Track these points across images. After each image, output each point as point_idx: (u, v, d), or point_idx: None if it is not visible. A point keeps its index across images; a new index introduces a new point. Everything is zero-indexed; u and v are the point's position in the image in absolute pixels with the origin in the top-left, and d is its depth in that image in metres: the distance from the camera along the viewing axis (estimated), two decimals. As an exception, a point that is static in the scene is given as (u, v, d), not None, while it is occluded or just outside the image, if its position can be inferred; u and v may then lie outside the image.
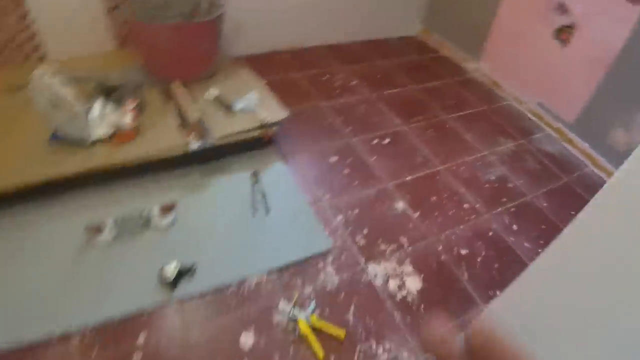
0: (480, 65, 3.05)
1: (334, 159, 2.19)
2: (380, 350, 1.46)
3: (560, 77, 2.49)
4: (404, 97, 2.75)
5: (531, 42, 2.61)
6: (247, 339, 1.45)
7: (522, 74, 2.74)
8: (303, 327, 1.47)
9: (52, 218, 1.71)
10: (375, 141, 2.34)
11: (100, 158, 1.78)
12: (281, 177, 2.01)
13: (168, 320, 1.47)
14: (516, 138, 2.55)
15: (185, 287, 1.55)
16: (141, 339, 1.40)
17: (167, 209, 1.74)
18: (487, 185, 2.17)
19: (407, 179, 2.13)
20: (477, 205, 2.05)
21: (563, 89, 2.49)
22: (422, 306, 1.60)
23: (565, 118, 2.53)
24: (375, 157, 2.23)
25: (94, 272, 1.56)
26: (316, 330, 1.48)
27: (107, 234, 1.65)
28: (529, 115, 2.75)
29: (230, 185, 1.95)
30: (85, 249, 1.63)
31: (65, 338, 1.39)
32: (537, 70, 2.64)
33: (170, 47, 2.04)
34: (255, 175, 1.94)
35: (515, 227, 1.97)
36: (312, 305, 1.55)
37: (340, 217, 1.88)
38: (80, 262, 1.58)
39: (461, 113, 2.68)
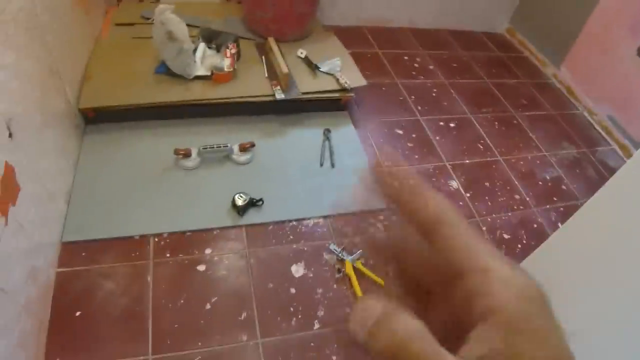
0: (559, 70, 3.06)
1: (400, 132, 2.36)
2: (413, 299, 1.66)
3: (636, 94, 2.50)
4: (477, 88, 2.84)
5: (614, 55, 2.61)
6: (297, 269, 1.69)
7: (599, 85, 2.75)
8: (348, 268, 1.69)
9: (148, 138, 2.01)
10: (442, 123, 2.48)
11: (197, 93, 2.06)
12: (350, 138, 2.22)
13: (232, 241, 1.73)
14: (580, 146, 2.60)
15: (252, 216, 1.80)
16: (207, 252, 1.67)
17: (246, 147, 1.99)
18: (541, 183, 2.27)
19: (466, 161, 2.27)
20: (528, 199, 2.16)
21: (637, 107, 2.50)
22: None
23: (635, 136, 2.54)
24: (438, 137, 2.38)
25: (177, 190, 1.85)
26: (359, 274, 1.69)
27: (192, 159, 1.93)
28: (598, 127, 2.76)
29: (303, 137, 2.18)
30: (172, 169, 1.91)
31: (144, 239, 1.68)
32: (614, 84, 2.64)
33: (272, 4, 2.27)
34: (327, 132, 2.16)
35: (560, 225, 2.07)
36: (359, 252, 1.76)
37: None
38: (166, 179, 1.87)
39: (531, 113, 2.74)
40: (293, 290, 1.61)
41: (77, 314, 1.46)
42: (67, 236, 1.61)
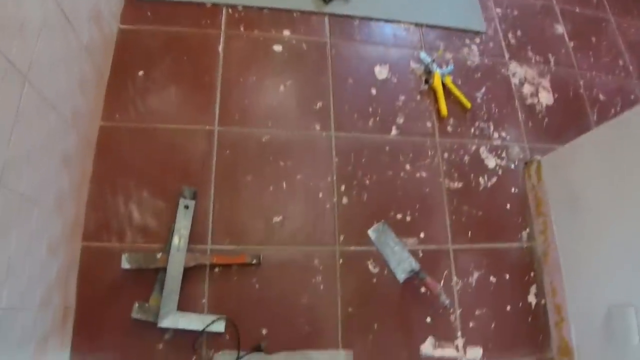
0: None
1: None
2: (495, 135, 1.49)
3: None
4: None
5: None
6: (381, 71, 1.47)
7: None
8: (436, 81, 1.48)
9: None
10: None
11: None
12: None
13: (314, 28, 1.51)
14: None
15: (338, 6, 1.54)
16: (285, 34, 1.43)
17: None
18: (648, 56, 1.97)
19: (576, 10, 1.93)
20: (632, 68, 1.89)
21: None
22: (546, 121, 1.58)
23: None
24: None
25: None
26: (446, 90, 1.49)
27: None
28: None
29: None
30: None
31: (217, 8, 1.45)
32: None
33: None
34: None
35: (658, 102, 1.84)
36: (451, 67, 1.53)
37: (499, 11, 1.76)
38: None
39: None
40: (374, 92, 1.42)
41: (140, 73, 1.31)
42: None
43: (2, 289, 0.79)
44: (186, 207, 1.18)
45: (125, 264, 1.11)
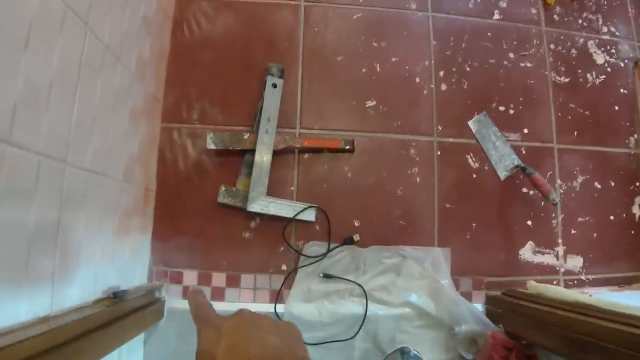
0: None
1: None
2: (604, 29, 1.31)
3: None
4: None
5: None
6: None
7: None
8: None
9: None
10: None
11: None
12: None
13: None
14: None
15: None
16: None
17: None
18: None
19: None
20: None
21: None
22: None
23: None
24: None
25: None
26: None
27: None
28: None
29: None
30: None
31: None
32: None
33: None
34: None
35: None
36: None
37: None
38: None
39: None
40: (474, -29, 1.24)
41: None
42: None
43: (87, 145, 0.70)
44: (274, 85, 1.06)
45: (210, 144, 1.02)
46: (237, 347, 0.32)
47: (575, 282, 1.15)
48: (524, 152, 1.16)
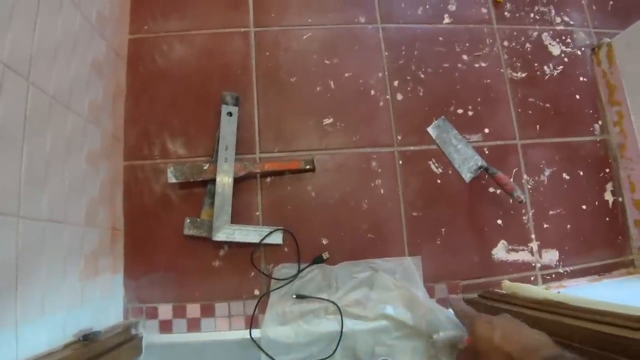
0: None
1: None
2: (557, 20, 1.32)
3: None
4: None
5: None
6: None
7: None
8: (489, -35, 1.29)
9: None
10: None
11: None
12: None
13: None
14: None
15: None
16: None
17: None
18: None
19: None
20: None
21: None
22: (611, 3, 1.39)
23: None
24: None
25: None
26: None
27: None
28: None
29: None
30: None
31: None
32: None
33: None
34: None
35: None
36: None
37: None
38: None
39: None
40: (420, -22, 1.26)
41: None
42: None
43: (41, 195, 0.71)
44: (229, 114, 1.07)
45: (171, 178, 1.03)
46: (510, 334, 0.56)
47: (553, 275, 1.15)
48: (487, 152, 1.16)
